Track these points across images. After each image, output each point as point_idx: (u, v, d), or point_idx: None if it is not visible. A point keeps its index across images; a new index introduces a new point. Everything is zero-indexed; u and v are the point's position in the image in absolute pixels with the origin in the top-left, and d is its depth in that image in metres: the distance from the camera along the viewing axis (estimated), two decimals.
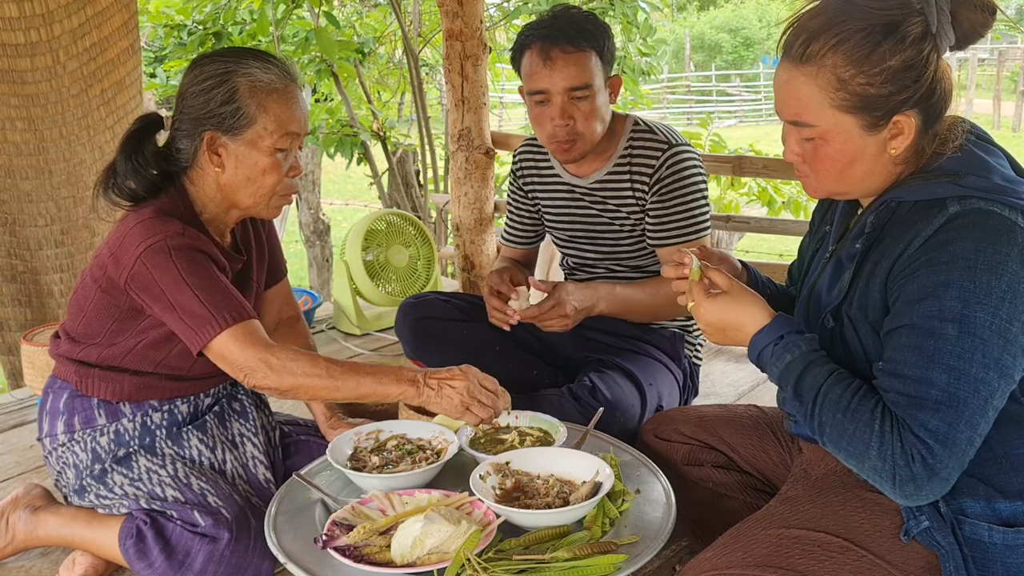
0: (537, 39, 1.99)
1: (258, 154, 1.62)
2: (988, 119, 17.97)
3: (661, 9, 6.92)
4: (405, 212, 3.39)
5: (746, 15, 30.20)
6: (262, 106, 1.60)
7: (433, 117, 6.14)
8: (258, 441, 1.82)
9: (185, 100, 1.63)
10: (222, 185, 1.65)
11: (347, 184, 11.94)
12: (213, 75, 1.60)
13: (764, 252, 6.92)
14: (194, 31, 4.81)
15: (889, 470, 1.14)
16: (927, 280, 1.15)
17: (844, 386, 1.20)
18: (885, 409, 1.16)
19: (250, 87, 1.60)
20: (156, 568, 1.54)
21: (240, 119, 1.60)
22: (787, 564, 1.20)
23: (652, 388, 2.08)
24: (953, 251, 1.13)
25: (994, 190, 1.16)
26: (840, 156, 1.23)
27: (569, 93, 1.97)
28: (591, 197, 2.18)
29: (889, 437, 1.14)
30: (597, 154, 2.13)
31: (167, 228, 1.55)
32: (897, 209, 1.24)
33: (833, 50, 1.17)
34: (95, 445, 1.70)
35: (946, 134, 1.23)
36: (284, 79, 1.64)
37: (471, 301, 2.38)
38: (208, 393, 1.82)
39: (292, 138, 1.64)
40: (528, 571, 1.29)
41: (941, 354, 1.12)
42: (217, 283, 1.56)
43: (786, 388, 1.26)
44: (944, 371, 1.12)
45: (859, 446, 1.16)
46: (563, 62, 1.95)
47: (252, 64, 1.62)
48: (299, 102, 1.67)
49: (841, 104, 1.19)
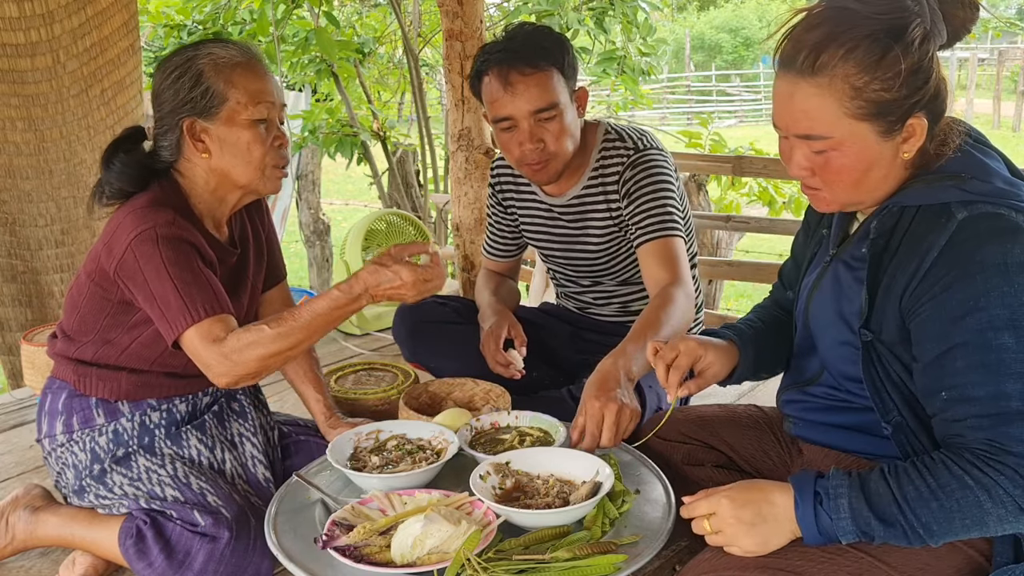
0: (494, 63, 1.92)
1: (238, 130, 1.63)
2: (988, 119, 17.96)
3: (661, 9, 6.92)
4: (405, 212, 3.39)
5: (746, 15, 30.18)
6: (229, 81, 1.62)
7: (433, 117, 6.14)
8: (257, 441, 1.82)
9: (158, 98, 1.65)
10: (213, 169, 1.66)
11: (347, 184, 11.94)
12: (177, 66, 1.63)
13: (764, 252, 6.92)
14: (194, 31, 4.81)
15: (1012, 507, 1.10)
16: (963, 294, 1.13)
17: (911, 477, 1.14)
18: (955, 462, 1.12)
19: (214, 65, 1.62)
20: (156, 568, 1.54)
21: (212, 99, 1.61)
22: (786, 565, 1.20)
23: (652, 391, 2.08)
24: (980, 260, 1.12)
25: (998, 194, 1.16)
26: (856, 165, 1.20)
27: (535, 116, 1.91)
28: (568, 216, 2.16)
29: (989, 480, 1.10)
30: (572, 171, 2.09)
31: (158, 216, 1.56)
32: (902, 214, 1.23)
33: (844, 59, 1.15)
34: (94, 445, 1.70)
35: (944, 135, 1.23)
36: (246, 54, 1.66)
37: (468, 304, 2.38)
38: (207, 392, 1.82)
39: (267, 107, 1.65)
40: (528, 571, 1.28)
41: (1007, 364, 1.11)
42: (198, 276, 1.56)
43: (872, 527, 1.15)
44: (1017, 380, 1.10)
45: (975, 511, 1.11)
46: (524, 85, 1.89)
47: (211, 46, 1.65)
48: (266, 73, 1.68)
49: (857, 112, 1.17)
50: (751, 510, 1.20)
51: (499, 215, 2.35)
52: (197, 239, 1.61)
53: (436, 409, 1.95)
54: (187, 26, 4.86)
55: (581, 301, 2.32)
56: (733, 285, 7.10)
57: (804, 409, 1.44)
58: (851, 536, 1.16)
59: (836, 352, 1.34)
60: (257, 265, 1.86)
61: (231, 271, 1.76)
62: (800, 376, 1.46)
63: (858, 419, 1.36)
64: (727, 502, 1.21)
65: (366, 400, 2.20)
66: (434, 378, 2.20)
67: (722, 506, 1.21)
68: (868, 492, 1.15)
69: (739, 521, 1.20)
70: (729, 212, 4.58)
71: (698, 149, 4.85)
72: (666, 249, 1.97)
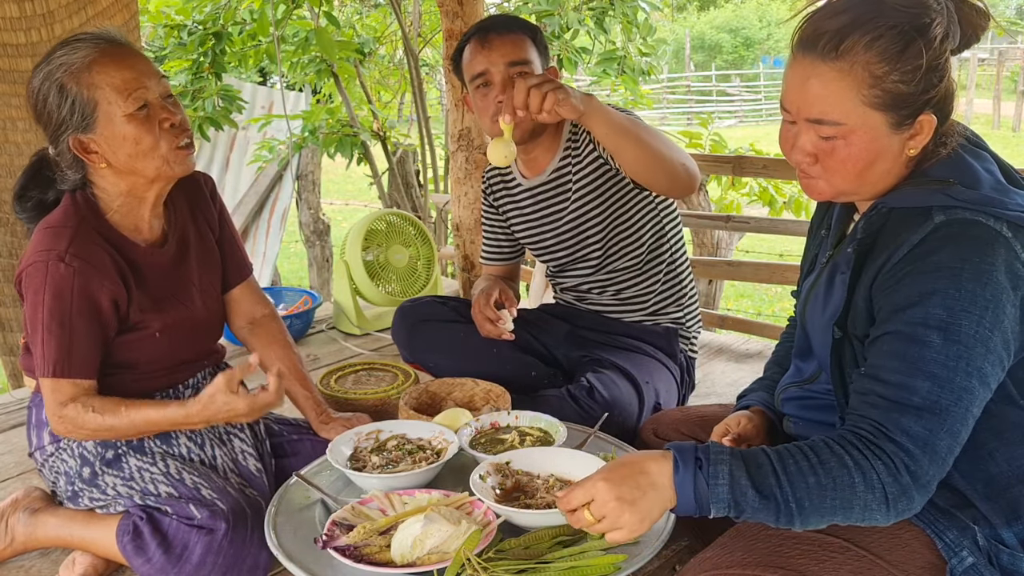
0: (473, 33, 2.09)
1: (120, 128, 1.56)
2: (988, 119, 17.97)
3: (661, 9, 6.92)
4: (405, 212, 3.39)
5: (746, 15, 30.18)
6: (91, 83, 1.55)
7: (433, 117, 6.14)
8: (245, 436, 1.82)
9: (41, 126, 1.62)
10: (117, 171, 1.62)
11: (347, 184, 11.94)
12: (37, 87, 1.58)
13: (764, 252, 6.92)
14: (194, 31, 4.80)
15: (880, 495, 1.10)
16: (912, 289, 1.14)
17: (792, 453, 1.14)
18: (846, 442, 1.13)
19: (70, 74, 1.55)
20: (154, 563, 1.54)
21: (83, 109, 1.56)
22: (787, 564, 1.20)
23: (649, 386, 2.08)
24: (938, 261, 1.13)
25: (982, 201, 1.16)
26: (863, 155, 1.20)
27: (509, 69, 2.03)
28: (549, 192, 2.19)
29: (867, 462, 1.11)
30: (546, 147, 2.16)
31: (59, 243, 1.57)
32: (890, 215, 1.23)
33: (867, 47, 1.15)
34: (82, 450, 1.69)
35: (944, 136, 1.23)
36: (97, 46, 1.57)
37: (468, 304, 2.38)
38: (187, 384, 1.82)
39: (142, 92, 1.57)
40: (528, 571, 1.29)
41: (925, 361, 1.12)
42: (63, 330, 1.57)
43: (748, 498, 1.12)
44: (928, 378, 1.11)
45: (846, 492, 1.11)
46: (499, 42, 2.04)
47: (61, 53, 1.56)
48: (127, 56, 1.58)
49: (873, 101, 1.17)
50: (629, 485, 1.15)
51: (492, 217, 2.38)
52: (89, 272, 1.58)
53: (436, 409, 1.95)
54: (187, 26, 4.85)
55: (578, 292, 2.32)
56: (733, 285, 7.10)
57: (803, 408, 1.44)
58: (723, 506, 1.13)
59: (826, 355, 1.34)
60: (204, 265, 1.82)
61: (165, 272, 1.73)
62: (799, 376, 1.46)
63: None
64: (603, 484, 1.16)
65: (366, 400, 2.20)
66: (434, 378, 2.20)
67: (598, 489, 1.16)
68: (748, 463, 1.14)
69: (620, 500, 1.14)
70: (729, 212, 4.57)
71: (698, 149, 4.84)
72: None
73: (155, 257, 1.71)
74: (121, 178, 1.63)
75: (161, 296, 1.70)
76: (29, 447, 1.79)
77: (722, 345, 3.02)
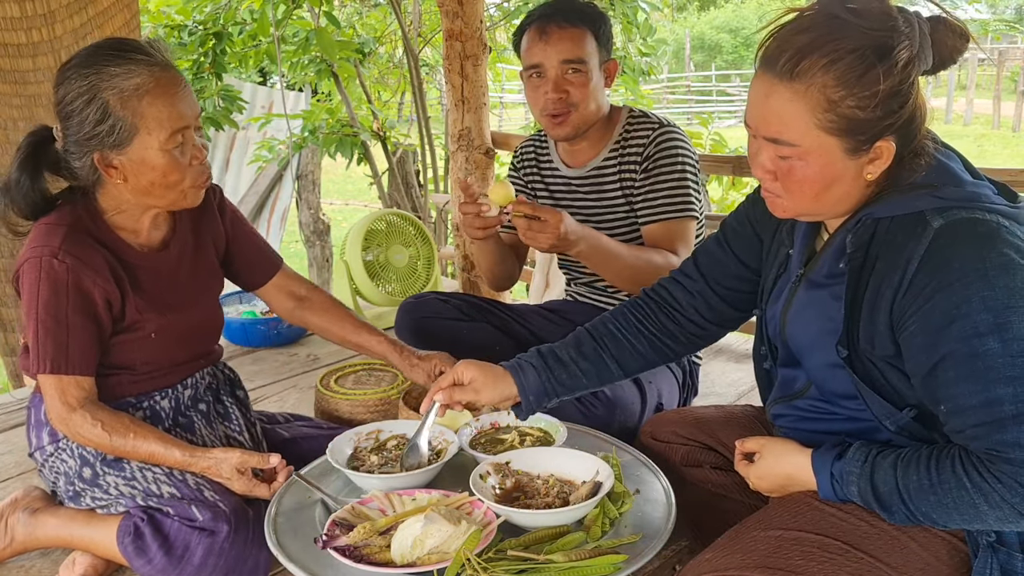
0: (536, 19, 2.06)
1: (153, 158, 1.56)
2: (988, 119, 17.97)
3: (661, 9, 6.92)
4: (405, 212, 3.39)
5: (746, 15, 30.17)
6: (138, 113, 1.53)
7: (433, 117, 6.14)
8: (244, 439, 1.83)
9: (63, 121, 1.58)
10: (132, 191, 1.62)
11: (347, 184, 11.94)
12: (80, 94, 1.53)
13: None
14: (194, 31, 4.80)
15: (1009, 510, 1.11)
16: (946, 302, 1.12)
17: (917, 467, 1.18)
18: (961, 461, 1.14)
19: (119, 98, 1.52)
20: (155, 564, 1.54)
21: (121, 133, 1.54)
22: (787, 566, 1.20)
23: (652, 386, 2.08)
24: (959, 267, 1.12)
25: (971, 198, 1.16)
26: (818, 178, 1.19)
27: (563, 66, 2.02)
28: (585, 187, 2.21)
29: (987, 486, 1.11)
30: (592, 143, 2.17)
31: (54, 240, 1.57)
32: (876, 226, 1.22)
33: (824, 69, 1.13)
34: (81, 451, 1.69)
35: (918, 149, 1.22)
36: (152, 74, 1.54)
37: (471, 301, 2.38)
38: (185, 384, 1.82)
39: (184, 131, 1.58)
40: (528, 571, 1.29)
41: (995, 370, 1.10)
42: (60, 326, 1.57)
43: (881, 512, 1.23)
44: (1007, 384, 1.09)
45: (970, 511, 1.14)
46: (558, 36, 2.02)
47: (114, 71, 1.52)
48: (176, 93, 1.57)
49: (827, 125, 1.16)
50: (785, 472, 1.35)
51: (517, 188, 2.36)
52: (92, 256, 1.58)
53: None
54: (187, 26, 4.85)
55: (593, 288, 2.34)
56: None
57: (794, 420, 1.44)
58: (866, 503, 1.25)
59: (825, 373, 1.33)
60: (202, 273, 1.82)
61: (161, 276, 1.72)
62: (788, 390, 1.44)
63: (848, 427, 1.35)
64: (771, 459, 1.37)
65: (366, 400, 2.21)
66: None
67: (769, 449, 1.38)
68: (875, 482, 1.22)
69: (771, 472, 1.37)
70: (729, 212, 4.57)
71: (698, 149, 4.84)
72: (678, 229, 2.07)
73: (151, 260, 1.71)
74: (132, 194, 1.63)
75: (157, 299, 1.70)
76: (29, 447, 1.79)
77: (722, 345, 3.01)
